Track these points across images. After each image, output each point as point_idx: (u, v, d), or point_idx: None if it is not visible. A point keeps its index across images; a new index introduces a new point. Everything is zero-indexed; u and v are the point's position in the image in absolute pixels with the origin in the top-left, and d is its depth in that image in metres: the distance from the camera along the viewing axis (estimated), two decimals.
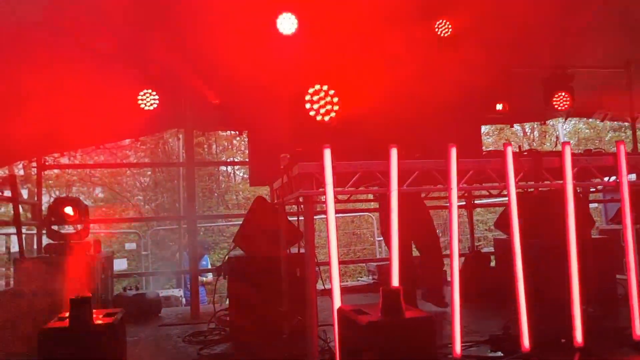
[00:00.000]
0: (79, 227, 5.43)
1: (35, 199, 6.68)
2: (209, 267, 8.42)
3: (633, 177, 3.92)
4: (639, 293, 3.49)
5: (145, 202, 14.18)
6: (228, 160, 14.99)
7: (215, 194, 14.83)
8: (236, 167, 14.83)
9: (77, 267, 4.56)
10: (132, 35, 4.92)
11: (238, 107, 5.78)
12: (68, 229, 5.58)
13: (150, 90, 5.53)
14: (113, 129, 6.18)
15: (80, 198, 11.43)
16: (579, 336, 3.38)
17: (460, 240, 10.42)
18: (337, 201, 5.90)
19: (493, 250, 6.47)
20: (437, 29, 5.93)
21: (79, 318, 2.72)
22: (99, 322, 2.84)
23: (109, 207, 13.39)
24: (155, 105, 5.55)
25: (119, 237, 11.71)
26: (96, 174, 13.05)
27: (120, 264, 7.57)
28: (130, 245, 9.95)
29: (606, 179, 4.04)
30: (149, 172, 14.30)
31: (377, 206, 8.72)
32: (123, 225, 11.47)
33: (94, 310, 2.90)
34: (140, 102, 5.54)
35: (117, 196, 13.65)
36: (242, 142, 13.80)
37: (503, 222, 5.46)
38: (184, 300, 7.09)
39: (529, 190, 4.46)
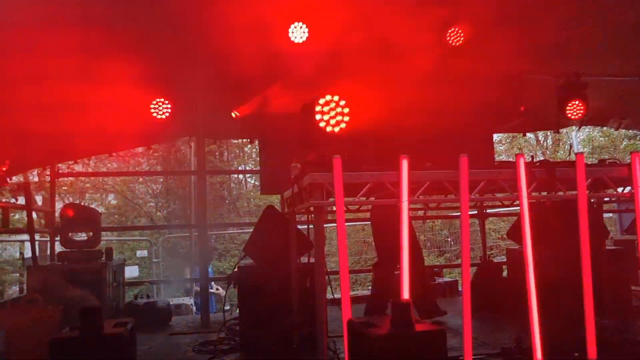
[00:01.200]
0: (91, 234, 5.48)
1: (49, 206, 6.74)
2: (213, 275, 8.42)
3: None
4: None
5: (157, 209, 14.25)
6: (239, 167, 15.04)
7: (227, 201, 14.87)
8: (247, 175, 14.88)
9: (89, 275, 4.59)
10: (147, 45, 4.97)
11: (250, 116, 5.79)
12: (81, 236, 5.63)
13: (162, 99, 5.58)
14: (125, 137, 6.22)
15: (93, 205, 11.56)
16: (592, 350, 3.32)
17: (472, 249, 10.38)
18: (347, 210, 5.92)
19: (505, 260, 6.41)
20: (449, 38, 5.92)
21: (89, 328, 2.73)
22: (110, 332, 2.85)
23: (121, 214, 13.49)
24: (167, 114, 5.59)
25: (130, 244, 11.77)
26: (109, 181, 13.15)
27: (131, 272, 7.61)
28: (141, 253, 9.98)
29: (620, 189, 3.99)
30: (161, 179, 14.38)
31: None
32: (135, 232, 11.54)
33: (105, 320, 2.91)
34: (152, 110, 5.58)
35: (129, 203, 13.74)
36: (254, 150, 13.83)
37: (515, 232, 5.41)
38: (194, 308, 7.10)
39: (542, 200, 4.41)
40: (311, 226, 3.42)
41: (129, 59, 5.01)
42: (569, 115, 6.37)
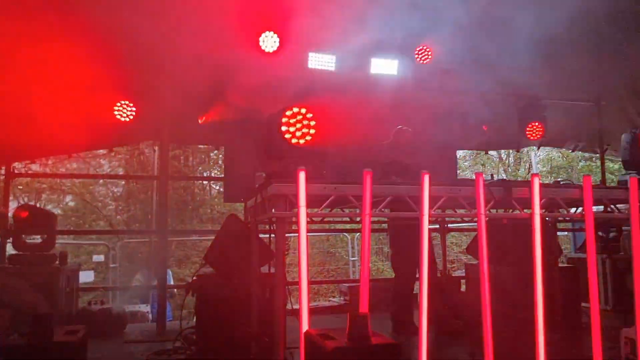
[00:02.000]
0: (46, 237, 5.31)
1: (3, 206, 6.50)
2: (172, 281, 8.27)
3: (601, 207, 4.02)
4: (599, 323, 3.55)
5: (117, 213, 13.93)
6: (204, 173, 14.86)
7: (190, 207, 14.65)
8: (212, 181, 14.73)
9: (41, 279, 4.44)
10: (112, 46, 4.90)
11: (216, 122, 5.76)
12: (34, 239, 5.45)
13: (127, 102, 5.49)
14: (87, 138, 6.08)
15: (49, 207, 11.20)
16: None
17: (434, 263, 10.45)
18: (311, 222, 5.93)
19: (464, 274, 6.53)
20: (417, 56, 6.05)
21: (39, 335, 2.64)
22: (60, 339, 2.76)
23: (79, 216, 13.12)
24: (131, 117, 5.51)
25: (87, 248, 11.44)
26: (67, 182, 12.80)
27: (86, 277, 7.39)
28: (98, 257, 9.70)
29: (574, 209, 4.14)
30: (123, 182, 14.08)
31: (352, 227, 8.77)
32: (92, 236, 11.23)
33: (56, 327, 2.82)
34: (116, 112, 5.49)
35: (88, 205, 13.38)
36: (220, 156, 13.72)
37: (474, 248, 5.54)
38: (150, 316, 6.95)
39: (499, 217, 4.54)
40: (273, 236, 3.41)
41: (94, 59, 4.94)
42: (529, 135, 6.61)
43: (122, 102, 5.48)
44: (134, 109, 5.50)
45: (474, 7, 4.87)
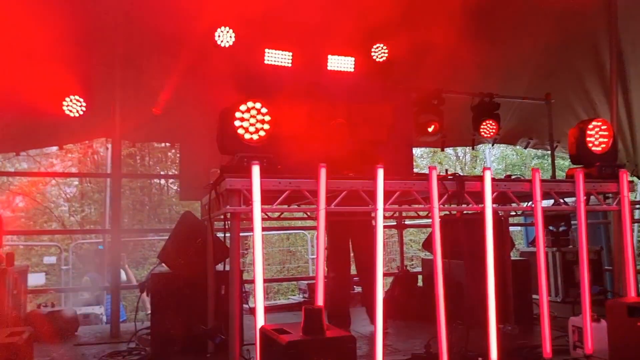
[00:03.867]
0: None
1: None
2: (134, 282, 8.05)
3: (551, 202, 4.16)
4: (549, 314, 3.67)
5: (70, 214, 13.48)
6: (161, 172, 14.56)
7: (147, 207, 14.34)
8: (170, 180, 14.44)
9: None
10: (62, 37, 4.73)
11: (171, 118, 5.65)
12: None
13: (77, 97, 5.30)
14: (35, 135, 5.86)
15: None
16: (494, 354, 3.50)
17: (393, 260, 10.60)
18: (268, 218, 5.89)
19: (421, 270, 6.64)
20: (373, 53, 6.11)
21: None
22: (2, 341, 2.64)
23: (29, 217, 12.63)
24: (81, 113, 5.33)
25: (38, 250, 11.03)
26: (15, 181, 12.29)
27: (36, 279, 7.11)
28: (49, 259, 9.35)
29: (525, 203, 4.27)
30: (76, 182, 13.64)
31: (312, 224, 8.78)
32: (44, 237, 10.83)
33: None
34: (65, 108, 5.30)
35: (39, 206, 12.90)
36: (177, 155, 13.47)
37: (429, 243, 5.63)
38: (104, 318, 6.75)
39: (453, 212, 4.62)
40: (228, 234, 3.37)
41: (42, 51, 4.76)
42: (483, 133, 6.76)
43: (72, 97, 5.28)
44: (84, 104, 5.31)
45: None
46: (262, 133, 3.22)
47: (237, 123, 3.18)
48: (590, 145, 4.09)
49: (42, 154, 12.02)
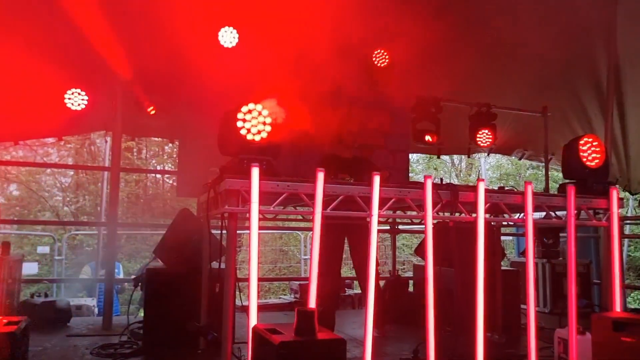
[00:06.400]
0: None
1: None
2: (121, 275, 8.10)
3: (542, 214, 4.23)
4: (536, 325, 3.74)
5: (64, 204, 13.48)
6: (158, 167, 14.60)
7: (142, 200, 14.36)
8: (165, 175, 14.47)
9: None
10: (67, 32, 4.77)
11: (172, 115, 5.70)
12: None
13: (79, 90, 5.35)
14: (35, 126, 5.89)
15: None
16: None
17: (385, 264, 10.66)
18: (264, 218, 5.94)
19: (412, 275, 6.71)
20: (374, 59, 6.17)
21: None
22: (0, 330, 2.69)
23: (23, 206, 12.63)
24: (83, 106, 5.37)
25: (31, 239, 11.03)
26: (12, 170, 12.29)
27: (30, 269, 7.14)
28: (43, 249, 9.37)
29: (517, 215, 4.34)
30: (71, 173, 13.64)
31: (306, 225, 8.83)
32: (37, 227, 10.84)
33: None
34: (67, 101, 5.34)
35: (33, 195, 12.89)
36: (174, 149, 13.51)
37: (422, 249, 5.69)
38: (97, 310, 6.79)
39: (446, 221, 4.70)
40: (224, 232, 3.42)
41: (45, 45, 4.80)
42: (479, 142, 6.83)
43: (74, 89, 5.33)
44: (86, 97, 5.36)
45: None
46: (264, 135, 3.27)
47: (239, 124, 3.23)
48: (583, 160, 4.16)
49: (39, 142, 12.01)
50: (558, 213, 4.29)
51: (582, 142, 4.14)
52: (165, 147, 14.14)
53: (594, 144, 4.14)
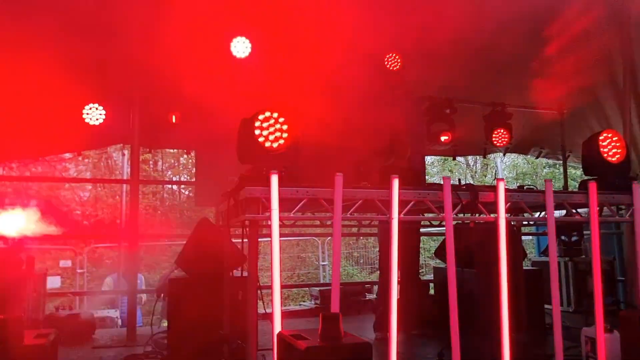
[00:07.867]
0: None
1: None
2: (143, 286, 8.16)
3: (563, 212, 4.19)
4: (562, 322, 3.70)
5: (83, 218, 13.65)
6: (174, 178, 14.75)
7: (159, 212, 14.49)
8: (181, 185, 14.60)
9: (8, 284, 4.34)
10: (84, 49, 4.86)
11: (188, 126, 5.76)
12: None
13: (96, 105, 5.43)
14: (54, 142, 5.99)
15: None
16: None
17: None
18: (283, 225, 5.96)
19: (432, 278, 6.66)
20: (386, 62, 6.18)
21: (9, 339, 2.61)
22: (31, 342, 2.73)
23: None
24: (101, 120, 5.45)
25: (53, 253, 11.16)
26: (33, 185, 12.48)
27: (53, 282, 7.23)
28: (65, 263, 9.50)
29: (537, 214, 4.30)
30: (90, 187, 13.82)
31: (323, 231, 8.83)
32: (58, 241, 10.97)
33: (25, 331, 2.79)
34: (85, 116, 5.43)
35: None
36: (190, 160, 13.63)
37: (441, 251, 5.67)
38: (120, 321, 6.85)
39: (466, 222, 4.67)
40: (245, 240, 3.44)
41: (63, 61, 4.88)
42: (495, 142, 6.80)
43: (92, 104, 5.42)
44: (103, 111, 5.44)
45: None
46: (281, 142, 3.29)
47: (257, 132, 3.26)
48: (604, 155, 4.11)
49: (57, 158, 12.19)
50: (579, 210, 4.24)
51: (601, 137, 4.09)
52: (181, 159, 14.28)
53: (614, 139, 4.10)
